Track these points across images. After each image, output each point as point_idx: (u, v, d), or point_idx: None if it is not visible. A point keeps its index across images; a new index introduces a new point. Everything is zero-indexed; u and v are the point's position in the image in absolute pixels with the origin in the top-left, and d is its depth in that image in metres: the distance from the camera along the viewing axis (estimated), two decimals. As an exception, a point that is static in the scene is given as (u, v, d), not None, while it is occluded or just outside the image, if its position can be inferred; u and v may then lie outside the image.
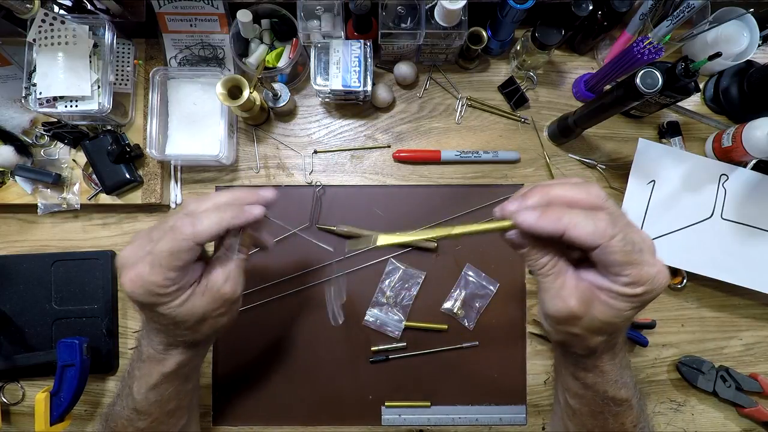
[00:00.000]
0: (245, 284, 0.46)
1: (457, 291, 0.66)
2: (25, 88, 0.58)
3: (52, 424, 0.58)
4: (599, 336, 0.38)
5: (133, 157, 0.63)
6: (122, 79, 0.64)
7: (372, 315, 0.65)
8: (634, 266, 0.34)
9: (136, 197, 0.64)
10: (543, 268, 0.37)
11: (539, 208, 0.35)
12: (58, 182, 0.63)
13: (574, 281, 0.37)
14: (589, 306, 0.36)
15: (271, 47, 0.65)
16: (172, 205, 0.67)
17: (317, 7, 0.61)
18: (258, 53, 0.64)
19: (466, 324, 0.65)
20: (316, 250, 0.65)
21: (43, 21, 0.56)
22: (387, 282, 0.65)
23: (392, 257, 0.66)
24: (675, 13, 0.57)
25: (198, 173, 0.68)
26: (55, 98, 0.58)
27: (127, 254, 0.41)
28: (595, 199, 0.34)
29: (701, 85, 0.70)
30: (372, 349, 0.65)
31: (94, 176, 0.63)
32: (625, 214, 0.36)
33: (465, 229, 0.39)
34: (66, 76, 0.58)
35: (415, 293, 0.65)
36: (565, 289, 0.36)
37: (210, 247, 0.45)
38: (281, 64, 0.64)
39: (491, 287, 0.66)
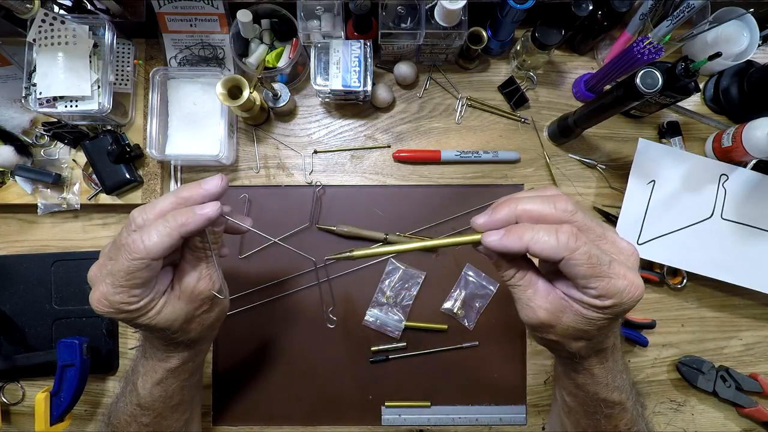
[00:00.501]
0: (226, 279, 0.45)
1: (457, 291, 0.66)
2: (25, 88, 0.58)
3: (52, 424, 0.58)
4: (578, 341, 0.38)
5: (133, 157, 0.63)
6: (122, 79, 0.64)
7: (372, 315, 0.65)
8: (600, 279, 0.34)
9: (136, 197, 0.64)
10: (511, 279, 0.38)
11: (503, 228, 0.36)
12: (58, 182, 0.63)
13: (544, 292, 0.37)
14: (560, 315, 0.37)
15: (271, 47, 0.65)
16: (172, 205, 0.67)
17: (317, 7, 0.61)
18: (258, 53, 0.64)
19: (466, 324, 0.65)
20: (315, 249, 0.65)
21: (43, 21, 0.56)
22: (387, 282, 0.65)
23: (392, 257, 0.66)
24: (675, 13, 0.57)
25: (198, 173, 0.68)
26: (55, 98, 0.58)
27: (92, 273, 0.40)
28: (561, 213, 0.35)
29: (701, 85, 0.70)
30: (372, 349, 0.65)
31: (94, 176, 0.63)
32: (601, 226, 0.36)
33: (439, 242, 0.40)
34: (66, 76, 0.58)
35: (415, 293, 0.65)
36: (534, 300, 0.37)
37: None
38: (281, 64, 0.64)
39: (491, 287, 0.66)
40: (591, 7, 0.59)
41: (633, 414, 0.44)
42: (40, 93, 0.57)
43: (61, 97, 0.58)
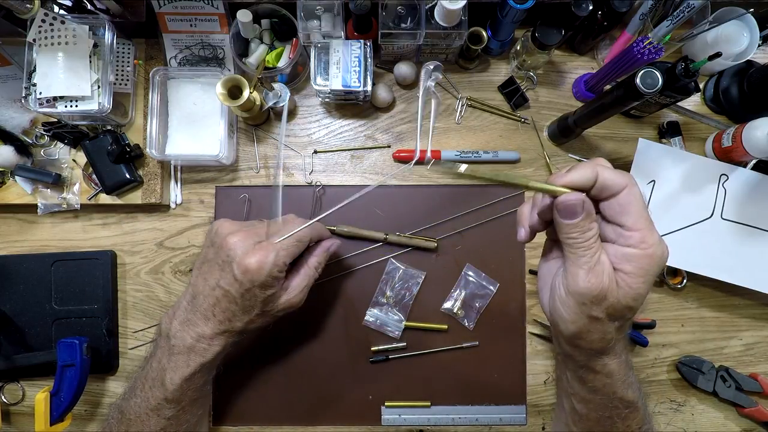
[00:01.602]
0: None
1: (457, 291, 0.66)
2: (25, 88, 0.58)
3: (52, 424, 0.58)
4: (616, 322, 0.39)
5: (133, 157, 0.63)
6: (122, 79, 0.64)
7: (372, 315, 0.65)
8: (644, 222, 0.36)
9: (136, 197, 0.64)
10: (588, 240, 0.37)
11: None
12: (58, 182, 0.63)
13: (607, 258, 0.37)
14: (614, 285, 0.37)
15: (271, 47, 0.65)
16: (172, 205, 0.67)
17: (317, 7, 0.61)
18: (258, 53, 0.64)
19: (466, 324, 0.65)
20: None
21: (43, 21, 0.56)
22: (387, 282, 0.65)
23: (392, 257, 0.66)
24: (675, 13, 0.57)
25: (198, 173, 0.68)
26: (55, 98, 0.58)
27: (240, 243, 0.48)
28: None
29: (701, 85, 0.70)
30: (372, 349, 0.65)
31: (94, 176, 0.63)
32: None
33: (529, 183, 0.38)
34: (66, 76, 0.58)
35: (415, 293, 0.65)
36: (600, 265, 0.37)
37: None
38: (281, 64, 0.64)
39: (491, 287, 0.66)
40: (591, 7, 0.59)
41: (643, 413, 0.44)
42: (40, 93, 0.57)
43: (61, 97, 0.58)
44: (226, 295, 0.48)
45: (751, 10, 0.60)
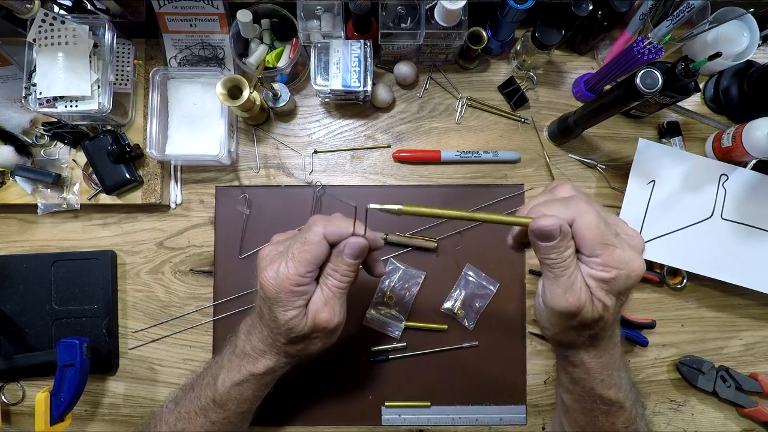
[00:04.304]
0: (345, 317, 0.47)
1: (457, 291, 0.66)
2: (25, 88, 0.58)
3: (52, 424, 0.58)
4: (590, 330, 0.40)
5: (133, 157, 0.63)
6: (122, 79, 0.64)
7: (372, 315, 0.65)
8: (606, 246, 0.37)
9: (136, 197, 0.64)
10: (566, 261, 0.38)
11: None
12: (58, 182, 0.63)
13: (581, 276, 0.38)
14: (590, 301, 0.38)
15: (271, 47, 0.65)
16: (172, 205, 0.67)
17: (317, 7, 0.61)
18: (258, 53, 0.64)
19: (466, 324, 0.65)
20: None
21: (43, 21, 0.56)
22: (387, 282, 0.65)
23: (392, 257, 0.66)
24: (675, 13, 0.57)
25: (198, 173, 0.68)
26: (55, 98, 0.58)
27: (266, 255, 0.45)
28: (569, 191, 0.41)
29: (701, 85, 0.70)
30: (372, 349, 0.65)
31: (94, 176, 0.63)
32: (612, 215, 0.40)
33: (490, 217, 0.41)
34: (66, 76, 0.58)
35: (415, 293, 0.65)
36: (577, 283, 0.38)
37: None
38: (281, 64, 0.64)
39: (491, 287, 0.66)
40: (591, 7, 0.59)
41: (632, 414, 0.44)
42: (40, 93, 0.57)
43: (61, 97, 0.58)
44: (260, 313, 0.46)
45: (751, 10, 0.60)
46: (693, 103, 0.70)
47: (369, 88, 0.62)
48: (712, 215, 0.65)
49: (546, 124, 0.69)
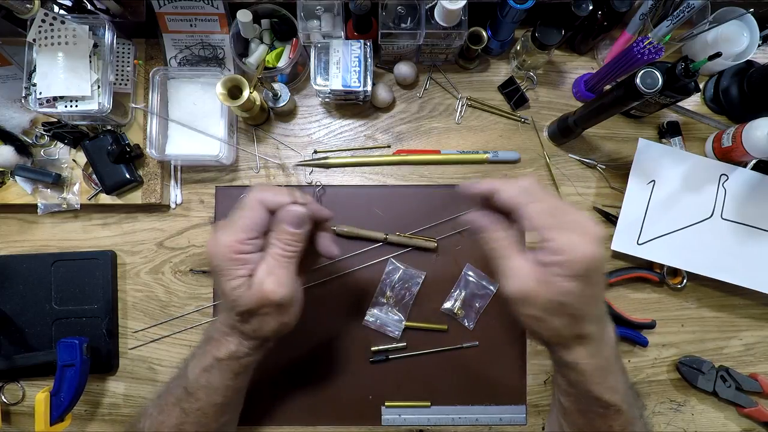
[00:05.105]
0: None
1: (457, 291, 0.66)
2: (25, 88, 0.58)
3: (52, 424, 0.58)
4: (558, 318, 0.39)
5: (133, 157, 0.63)
6: (122, 79, 0.64)
7: (372, 315, 0.65)
8: (557, 230, 0.38)
9: (136, 197, 0.64)
10: (500, 246, 0.41)
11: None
12: (58, 182, 0.63)
13: (529, 263, 0.39)
14: (543, 287, 0.38)
15: (271, 47, 0.65)
16: (172, 205, 0.67)
17: (317, 7, 0.61)
18: (258, 53, 0.64)
19: (466, 324, 0.65)
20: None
21: (43, 21, 0.56)
22: (387, 282, 0.65)
23: (392, 257, 0.66)
24: (675, 13, 0.57)
25: (198, 173, 0.68)
26: (55, 98, 0.58)
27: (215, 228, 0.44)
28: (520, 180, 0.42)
29: (701, 85, 0.70)
30: (372, 349, 0.65)
31: (94, 176, 0.63)
32: (563, 203, 0.41)
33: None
34: (66, 76, 0.58)
35: (415, 293, 0.65)
36: (522, 269, 0.39)
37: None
38: (281, 64, 0.64)
39: (491, 287, 0.66)
40: (591, 7, 0.59)
41: (629, 416, 0.44)
42: (40, 93, 0.57)
43: (61, 97, 0.58)
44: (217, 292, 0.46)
45: (751, 10, 0.60)
46: (693, 103, 0.70)
47: (369, 88, 0.62)
48: (712, 215, 0.65)
49: (546, 124, 0.69)
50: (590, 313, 0.40)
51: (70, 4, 0.60)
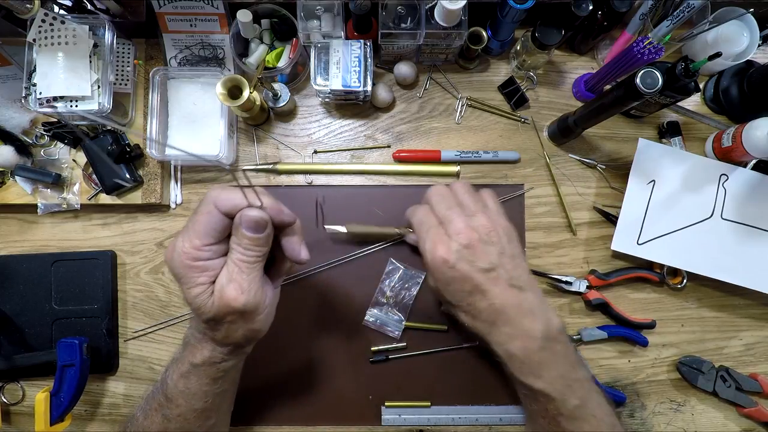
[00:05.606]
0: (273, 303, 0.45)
1: (457, 291, 0.66)
2: (25, 88, 0.58)
3: (52, 424, 0.58)
4: (451, 307, 0.51)
5: (133, 157, 0.63)
6: (122, 79, 0.64)
7: (372, 315, 0.65)
8: (421, 240, 0.51)
9: (136, 197, 0.64)
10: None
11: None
12: (58, 182, 0.63)
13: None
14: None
15: (271, 47, 0.65)
16: (172, 205, 0.67)
17: (317, 7, 0.61)
18: (258, 53, 0.64)
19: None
20: (318, 250, 0.65)
21: (43, 21, 0.56)
22: (387, 282, 0.65)
23: (392, 257, 0.66)
24: (675, 13, 0.57)
25: (198, 173, 0.68)
26: (55, 98, 0.58)
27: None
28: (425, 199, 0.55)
29: (701, 85, 0.70)
30: (372, 349, 0.65)
31: (94, 176, 0.63)
32: (451, 208, 0.51)
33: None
34: (66, 76, 0.58)
35: (415, 293, 0.65)
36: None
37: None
38: (281, 64, 0.64)
39: (491, 287, 0.65)
40: (591, 7, 0.59)
41: (565, 405, 0.47)
42: (40, 93, 0.57)
43: (61, 97, 0.58)
44: None
45: (751, 10, 0.60)
46: (693, 103, 0.70)
47: (369, 88, 0.62)
48: (712, 215, 0.65)
49: (546, 124, 0.69)
50: (473, 306, 0.48)
51: (70, 4, 0.60)
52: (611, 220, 0.66)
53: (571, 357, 0.48)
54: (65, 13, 0.60)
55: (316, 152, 0.68)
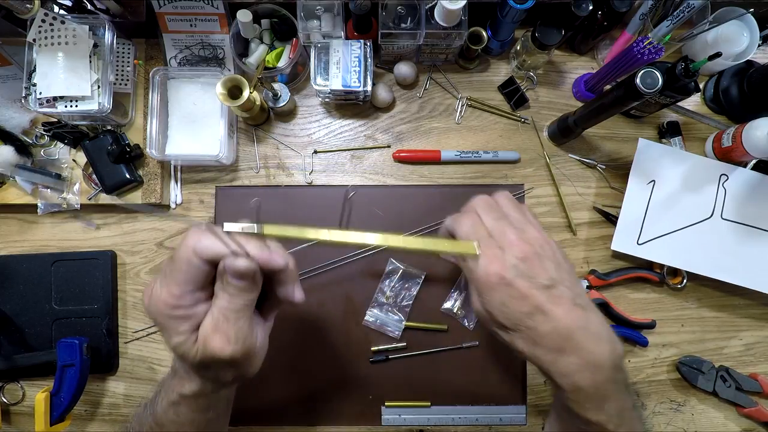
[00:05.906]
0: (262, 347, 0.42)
1: (457, 291, 0.66)
2: (25, 88, 0.58)
3: (52, 424, 0.58)
4: (503, 332, 0.43)
5: (133, 157, 0.63)
6: (122, 79, 0.64)
7: (372, 315, 0.65)
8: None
9: (136, 197, 0.64)
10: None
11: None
12: (58, 182, 0.63)
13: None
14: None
15: (271, 47, 0.65)
16: (172, 205, 0.67)
17: (317, 7, 0.61)
18: (258, 53, 0.64)
19: (466, 324, 0.65)
20: (317, 251, 0.65)
21: (43, 21, 0.56)
22: (387, 282, 0.65)
23: (392, 257, 0.66)
24: (675, 13, 0.57)
25: (198, 173, 0.68)
26: (55, 98, 0.58)
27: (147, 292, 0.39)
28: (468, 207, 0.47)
29: (701, 85, 0.70)
30: (372, 349, 0.65)
31: (94, 176, 0.63)
32: (517, 224, 0.45)
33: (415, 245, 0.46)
34: (66, 76, 0.58)
35: (415, 293, 0.65)
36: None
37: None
38: (281, 64, 0.64)
39: (491, 287, 0.65)
40: (591, 7, 0.59)
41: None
42: (40, 93, 0.57)
43: (61, 97, 0.58)
44: None
45: (751, 10, 0.60)
46: (693, 103, 0.70)
47: (369, 88, 0.62)
48: (712, 215, 0.65)
49: (546, 124, 0.69)
50: (517, 325, 0.41)
51: (70, 4, 0.60)
52: (611, 220, 0.66)
53: (628, 384, 0.44)
54: (65, 13, 0.60)
55: (316, 152, 0.68)
